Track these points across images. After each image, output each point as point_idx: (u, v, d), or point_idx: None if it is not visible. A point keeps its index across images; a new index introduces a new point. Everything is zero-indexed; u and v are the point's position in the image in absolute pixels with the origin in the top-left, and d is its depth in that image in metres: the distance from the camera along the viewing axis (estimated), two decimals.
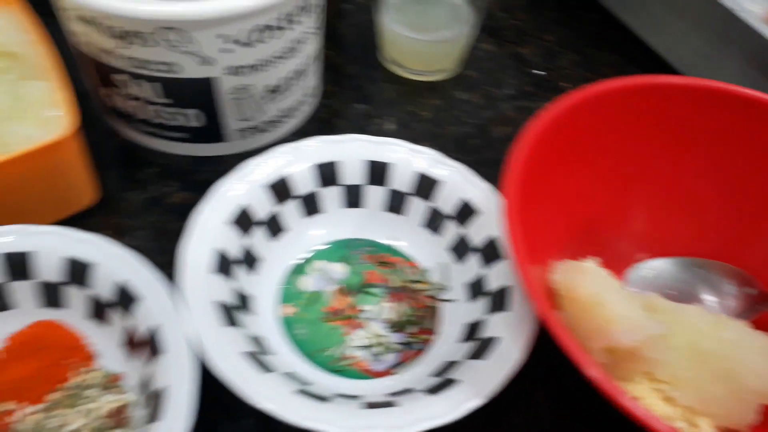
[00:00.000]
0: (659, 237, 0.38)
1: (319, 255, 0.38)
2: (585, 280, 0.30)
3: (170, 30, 0.34)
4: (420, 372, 0.33)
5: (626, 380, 0.31)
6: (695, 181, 0.37)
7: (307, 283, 0.37)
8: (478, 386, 0.29)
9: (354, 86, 0.48)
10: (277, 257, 0.37)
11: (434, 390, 0.30)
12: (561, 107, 0.33)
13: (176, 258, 0.37)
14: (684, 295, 0.36)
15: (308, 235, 0.38)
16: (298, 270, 0.37)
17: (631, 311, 0.29)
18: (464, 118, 0.47)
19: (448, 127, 0.46)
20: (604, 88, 0.34)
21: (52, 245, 0.32)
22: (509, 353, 0.30)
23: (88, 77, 0.40)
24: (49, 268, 0.32)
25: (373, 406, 0.29)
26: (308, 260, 0.38)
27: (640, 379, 0.31)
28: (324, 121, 0.46)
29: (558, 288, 0.32)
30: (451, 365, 0.32)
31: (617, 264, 0.37)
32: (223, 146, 0.42)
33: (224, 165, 0.42)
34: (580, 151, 0.35)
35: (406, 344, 0.35)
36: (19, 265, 0.32)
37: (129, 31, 0.34)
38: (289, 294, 0.37)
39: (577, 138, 0.34)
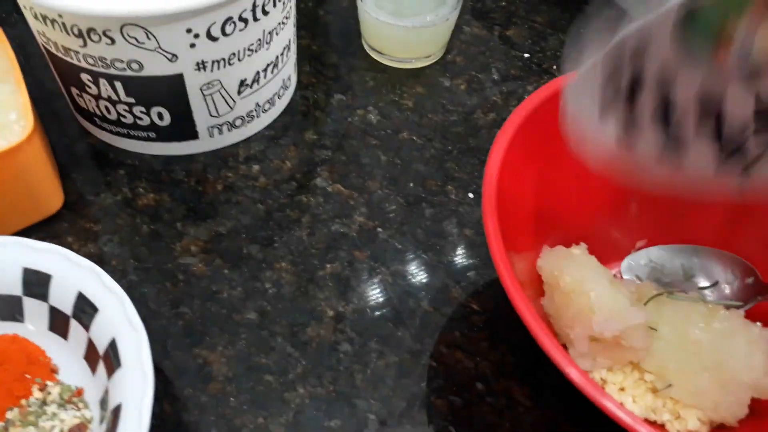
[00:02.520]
0: (658, 224, 0.37)
1: None
2: (569, 267, 0.30)
3: (133, 27, 0.34)
4: None
5: (612, 371, 0.31)
6: None
7: None
8: None
9: (334, 76, 0.48)
10: None
11: None
12: (549, 91, 0.33)
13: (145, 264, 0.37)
14: (681, 284, 0.36)
15: None
16: None
17: (613, 300, 0.29)
18: (448, 106, 0.47)
19: (430, 115, 0.46)
20: None
21: (8, 256, 0.32)
22: None
23: (58, 77, 0.40)
24: (7, 280, 0.32)
25: None
26: None
27: (627, 369, 0.31)
28: (301, 113, 0.46)
29: (543, 275, 0.32)
30: None
31: (616, 251, 0.37)
32: (195, 144, 0.42)
33: (197, 163, 0.42)
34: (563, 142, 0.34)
35: None
36: None
37: (91, 29, 0.34)
38: None
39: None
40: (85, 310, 0.31)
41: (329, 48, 0.50)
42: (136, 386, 0.28)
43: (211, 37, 0.36)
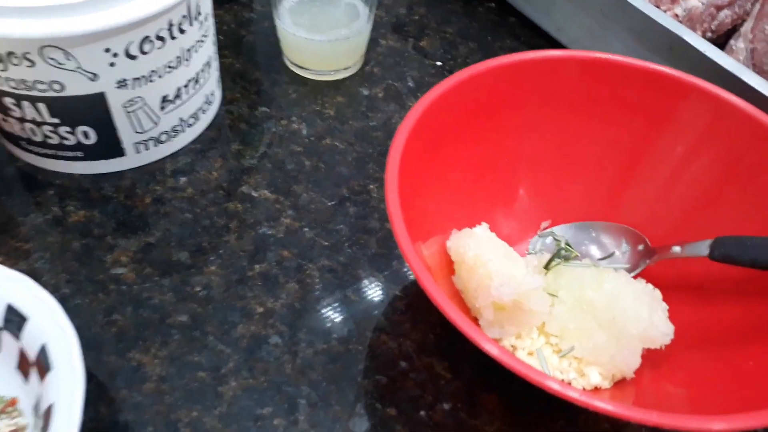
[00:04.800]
0: (560, 205, 0.41)
1: None
2: (472, 244, 0.33)
3: (51, 48, 0.36)
4: None
5: (521, 337, 0.33)
6: (586, 148, 0.40)
7: None
8: None
9: (257, 91, 0.50)
10: None
11: None
12: (443, 90, 0.36)
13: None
14: (583, 257, 0.39)
15: None
16: None
17: (509, 268, 0.31)
18: (367, 113, 0.49)
19: (351, 122, 0.49)
20: (482, 68, 0.37)
21: None
22: None
23: None
24: None
25: None
26: None
27: (534, 335, 0.33)
28: (227, 126, 0.48)
29: (451, 254, 0.34)
30: None
31: (525, 231, 0.40)
32: (122, 161, 0.43)
33: (125, 180, 0.44)
34: (469, 129, 0.38)
35: None
36: None
37: (10, 53, 0.35)
38: None
39: (464, 117, 0.37)
40: (14, 320, 0.32)
41: (252, 65, 0.52)
42: (67, 386, 0.29)
43: (129, 55, 0.38)
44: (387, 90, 0.52)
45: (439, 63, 0.54)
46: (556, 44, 0.55)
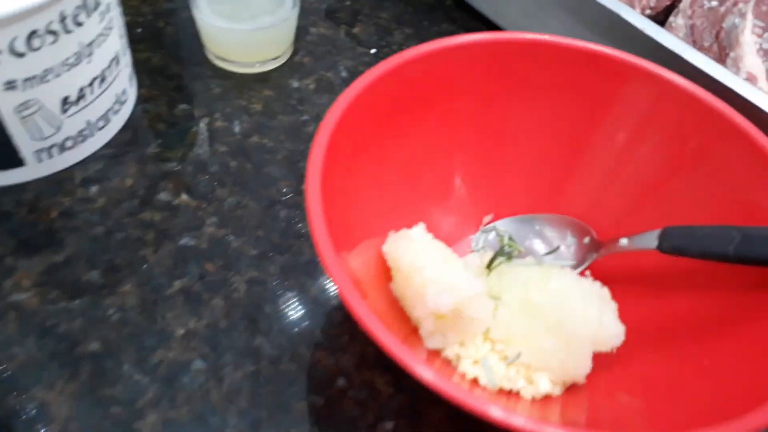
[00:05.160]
0: (502, 197, 0.38)
1: None
2: (408, 248, 0.30)
3: None
4: None
5: (465, 345, 0.31)
6: (526, 135, 0.37)
7: None
8: None
9: (177, 87, 0.46)
10: None
11: None
12: (370, 79, 0.32)
13: None
14: (528, 252, 0.36)
15: None
16: None
17: (446, 274, 0.28)
18: (298, 107, 0.46)
19: (281, 117, 0.45)
20: (413, 54, 0.34)
21: None
22: None
23: None
24: None
25: None
26: None
27: (479, 342, 0.31)
28: (143, 127, 0.43)
29: (387, 260, 0.31)
30: None
31: (467, 227, 0.37)
32: (23, 171, 0.39)
33: (27, 192, 0.39)
34: (401, 121, 0.34)
35: None
36: None
37: None
38: None
39: (395, 108, 0.34)
40: None
41: (172, 60, 0.48)
42: None
43: (16, 52, 0.33)
44: (319, 81, 0.48)
45: (373, 50, 0.51)
46: (495, 27, 0.52)
